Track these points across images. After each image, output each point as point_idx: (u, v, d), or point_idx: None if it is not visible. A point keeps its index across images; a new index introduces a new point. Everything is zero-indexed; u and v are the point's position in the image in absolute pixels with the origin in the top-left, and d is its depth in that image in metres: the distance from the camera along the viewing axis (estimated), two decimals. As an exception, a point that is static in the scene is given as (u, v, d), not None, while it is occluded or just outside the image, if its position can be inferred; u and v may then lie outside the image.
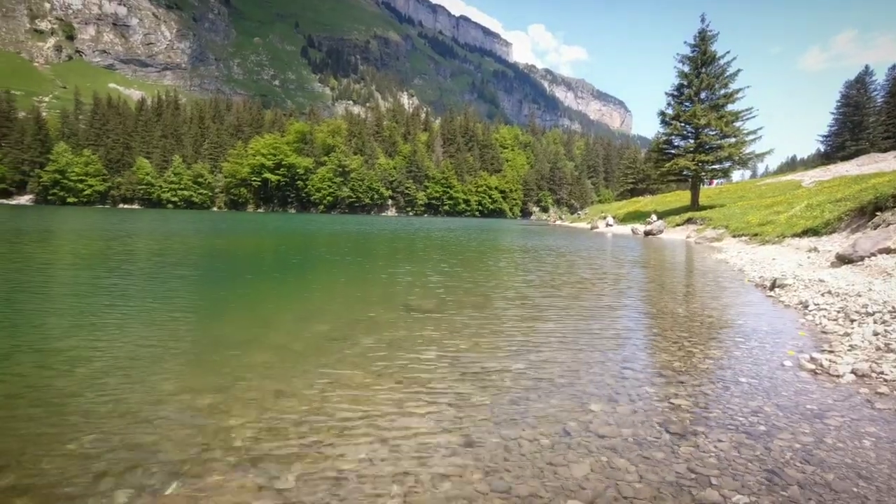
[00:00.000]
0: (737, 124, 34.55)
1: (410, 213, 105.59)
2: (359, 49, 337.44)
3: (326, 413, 3.03)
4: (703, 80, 34.94)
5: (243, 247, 16.03)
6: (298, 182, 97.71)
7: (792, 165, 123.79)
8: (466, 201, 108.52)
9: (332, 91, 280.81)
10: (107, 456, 2.47)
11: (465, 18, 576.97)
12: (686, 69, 36.16)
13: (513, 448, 2.65)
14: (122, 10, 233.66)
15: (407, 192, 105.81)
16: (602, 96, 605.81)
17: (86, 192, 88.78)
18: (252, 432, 2.75)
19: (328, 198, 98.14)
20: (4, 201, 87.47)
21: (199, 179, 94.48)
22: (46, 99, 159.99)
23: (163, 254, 12.70)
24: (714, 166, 36.07)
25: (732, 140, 34.51)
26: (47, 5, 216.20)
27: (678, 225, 30.47)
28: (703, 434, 2.83)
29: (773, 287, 8.06)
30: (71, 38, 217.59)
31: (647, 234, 29.46)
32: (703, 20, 35.51)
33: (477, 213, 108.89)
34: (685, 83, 36.24)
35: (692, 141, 36.26)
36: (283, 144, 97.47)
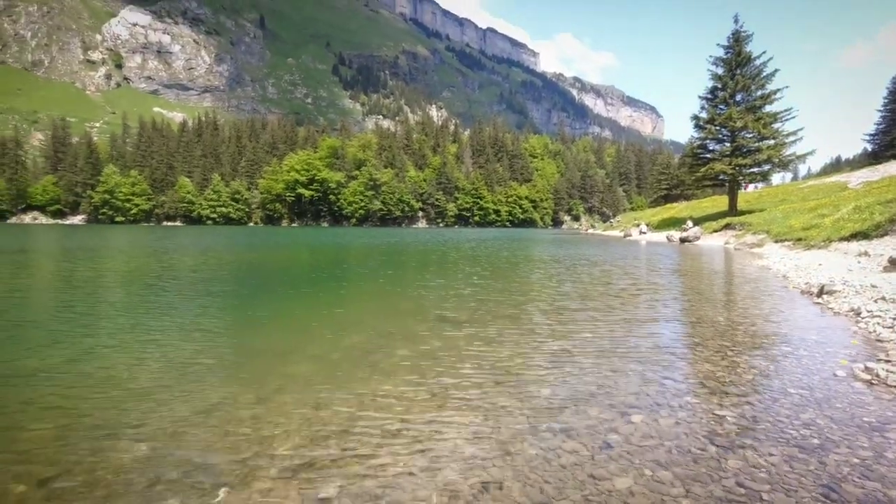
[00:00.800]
0: (775, 126, 33.34)
1: (441, 225, 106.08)
2: (388, 64, 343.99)
3: (365, 423, 3.07)
4: (738, 81, 33.96)
5: (278, 261, 16.46)
6: (331, 196, 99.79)
7: (837, 166, 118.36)
8: (497, 211, 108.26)
9: (363, 106, 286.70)
10: (159, 464, 2.57)
11: (491, 30, 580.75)
12: (720, 71, 35.25)
13: (552, 459, 2.62)
14: (166, 39, 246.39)
15: (437, 203, 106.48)
16: (632, 102, 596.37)
17: (132, 211, 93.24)
18: (294, 442, 2.81)
19: (360, 211, 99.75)
20: (59, 221, 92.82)
21: (237, 196, 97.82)
22: (97, 124, 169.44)
23: (202, 269, 13.17)
24: (752, 170, 34.83)
25: (771, 142, 33.31)
26: (98, 37, 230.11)
27: (716, 231, 29.53)
28: (752, 447, 2.73)
29: (820, 293, 7.70)
30: (119, 66, 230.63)
31: (682, 241, 28.67)
32: (736, 21, 34.64)
33: (507, 223, 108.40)
34: (719, 86, 35.29)
35: (728, 144, 35.18)
36: (316, 160, 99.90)
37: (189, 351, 4.79)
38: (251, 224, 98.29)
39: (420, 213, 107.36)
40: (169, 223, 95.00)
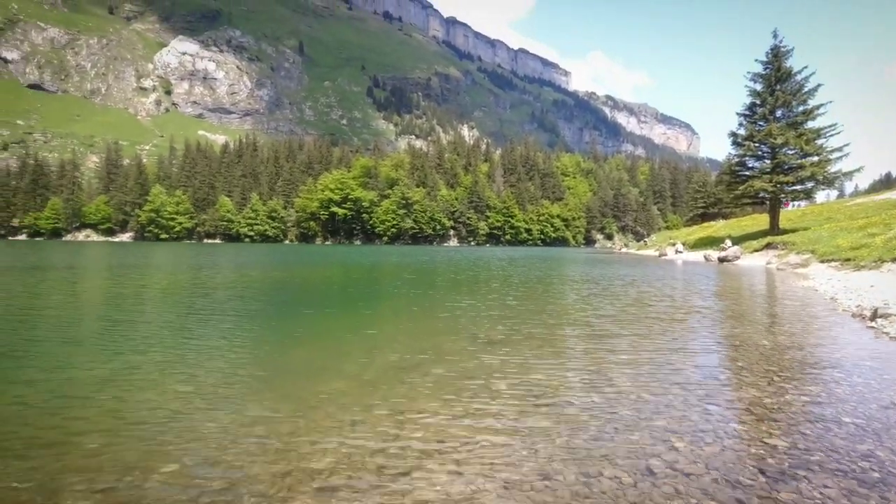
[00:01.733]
0: (819, 142, 32.20)
1: (472, 243, 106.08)
2: (420, 86, 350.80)
3: (401, 443, 3.08)
4: (778, 97, 33.07)
5: (312, 279, 16.80)
6: (364, 215, 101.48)
7: (887, 183, 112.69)
8: (528, 230, 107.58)
9: (396, 127, 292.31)
10: (201, 478, 2.63)
11: (523, 51, 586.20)
12: (758, 87, 34.48)
13: (593, 485, 2.56)
14: (212, 66, 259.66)
15: (468, 222, 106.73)
16: (667, 120, 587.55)
17: (176, 229, 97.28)
18: (331, 460, 2.84)
19: (392, 229, 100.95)
20: (109, 239, 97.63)
21: (273, 214, 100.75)
22: (147, 147, 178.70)
23: (238, 287, 13.56)
24: (795, 187, 33.63)
25: (815, 159, 32.10)
26: (150, 66, 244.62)
27: (756, 250, 28.48)
28: (805, 479, 2.59)
29: (874, 317, 7.30)
30: (168, 92, 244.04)
31: (721, 260, 27.76)
32: (775, 36, 33.91)
33: (539, 241, 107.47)
34: (758, 102, 34.49)
35: (768, 161, 34.12)
36: (350, 179, 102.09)
37: (226, 367, 4.91)
38: (286, 242, 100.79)
39: (451, 232, 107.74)
40: (209, 241, 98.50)
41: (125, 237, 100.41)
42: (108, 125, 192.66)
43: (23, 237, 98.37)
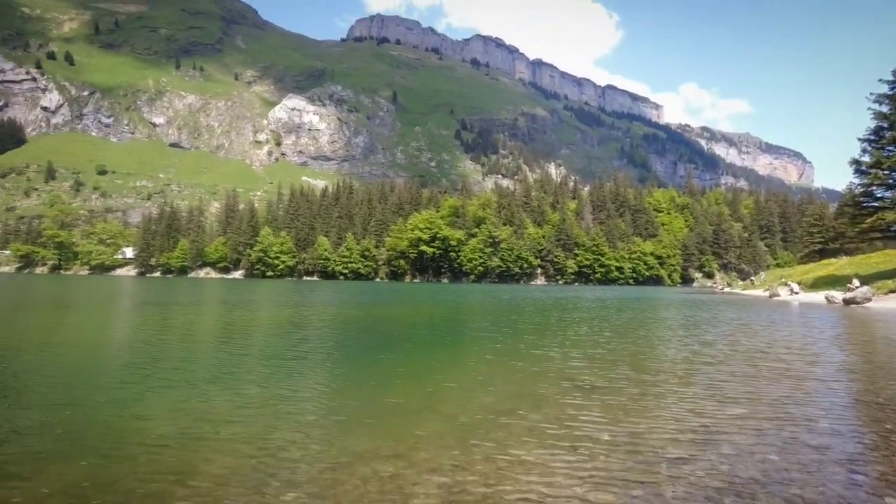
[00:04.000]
0: (971, 167, 27.82)
1: (560, 282, 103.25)
2: (507, 127, 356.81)
3: (504, 490, 3.02)
4: (911, 119, 29.34)
5: (402, 317, 17.29)
6: (451, 253, 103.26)
7: None
8: (619, 268, 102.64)
9: (483, 167, 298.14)
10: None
11: (610, 87, 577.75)
12: (885, 109, 30.87)
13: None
14: (315, 119, 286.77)
15: (556, 260, 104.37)
16: (772, 149, 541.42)
17: (279, 267, 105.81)
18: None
19: (479, 268, 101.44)
20: (224, 276, 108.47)
21: (366, 253, 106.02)
22: (259, 193, 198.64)
23: (333, 324, 14.32)
24: (940, 218, 29.12)
25: (967, 186, 27.72)
26: (264, 122, 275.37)
27: (892, 291, 24.73)
28: None
29: None
30: (278, 144, 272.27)
31: (847, 302, 24.37)
32: (905, 53, 30.45)
33: (631, 280, 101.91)
34: (885, 125, 30.79)
35: (903, 191, 30.04)
36: (438, 219, 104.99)
37: (324, 404, 5.10)
38: (377, 279, 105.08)
39: (539, 270, 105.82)
40: (308, 277, 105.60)
41: (237, 274, 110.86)
42: (229, 175, 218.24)
43: (157, 274, 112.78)
